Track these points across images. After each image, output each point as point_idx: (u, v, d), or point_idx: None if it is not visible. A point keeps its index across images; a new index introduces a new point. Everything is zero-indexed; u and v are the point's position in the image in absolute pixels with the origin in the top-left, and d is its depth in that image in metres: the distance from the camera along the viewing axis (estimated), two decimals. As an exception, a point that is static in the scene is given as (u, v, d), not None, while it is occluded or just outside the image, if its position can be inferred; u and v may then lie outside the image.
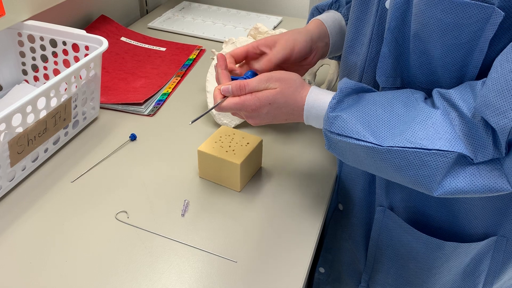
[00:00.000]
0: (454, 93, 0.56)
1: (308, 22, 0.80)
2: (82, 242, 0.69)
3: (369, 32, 0.67)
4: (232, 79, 0.69)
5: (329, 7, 0.81)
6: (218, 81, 0.70)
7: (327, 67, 1.04)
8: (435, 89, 0.59)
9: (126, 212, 0.74)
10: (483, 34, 0.54)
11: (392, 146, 0.56)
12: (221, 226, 0.72)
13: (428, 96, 0.62)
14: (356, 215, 0.84)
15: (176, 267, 0.66)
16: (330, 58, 0.85)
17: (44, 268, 0.65)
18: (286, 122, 0.69)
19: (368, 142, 0.57)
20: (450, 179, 0.55)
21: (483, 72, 0.58)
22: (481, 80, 0.55)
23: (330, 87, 0.99)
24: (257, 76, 0.66)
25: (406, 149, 0.55)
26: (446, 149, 0.54)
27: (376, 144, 0.57)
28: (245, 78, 0.69)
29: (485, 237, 0.72)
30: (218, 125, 0.93)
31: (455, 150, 0.54)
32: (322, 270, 0.99)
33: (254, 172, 0.82)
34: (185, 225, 0.72)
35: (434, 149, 0.54)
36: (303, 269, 0.66)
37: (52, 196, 0.76)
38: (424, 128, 0.55)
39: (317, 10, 0.83)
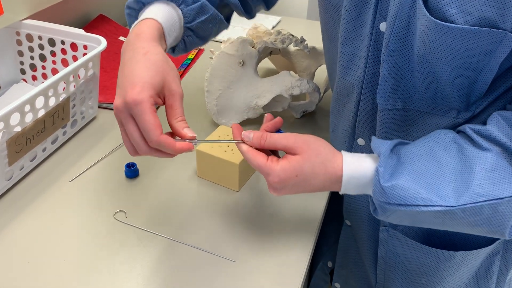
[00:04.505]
0: (492, 130, 0.54)
1: (142, 2, 0.64)
2: (80, 242, 0.69)
3: (364, 53, 0.65)
4: None
5: None
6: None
7: (325, 67, 1.04)
8: (467, 126, 0.57)
9: (125, 212, 0.74)
10: (493, 56, 0.53)
11: (464, 205, 0.52)
12: (219, 226, 0.72)
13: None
14: (365, 232, 0.84)
15: (174, 266, 0.66)
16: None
17: (42, 268, 0.65)
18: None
19: (437, 206, 0.53)
20: None
21: (490, 86, 0.57)
22: None
23: (328, 88, 0.99)
24: (282, 133, 0.60)
25: (479, 203, 0.52)
26: None
27: (447, 206, 0.53)
28: None
29: (494, 240, 0.72)
30: (216, 125, 0.93)
31: None
32: (338, 285, 0.99)
33: (253, 172, 0.82)
34: (183, 225, 0.72)
35: (507, 197, 0.52)
36: (302, 269, 0.66)
37: (50, 195, 0.76)
38: (488, 176, 0.52)
39: None
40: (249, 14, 0.81)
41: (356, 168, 0.57)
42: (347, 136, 0.75)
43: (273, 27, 1.39)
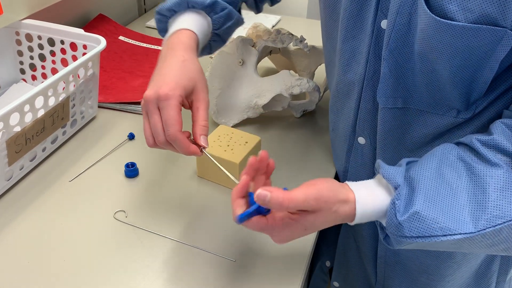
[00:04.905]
0: (499, 139, 0.53)
1: (174, 10, 0.71)
2: (80, 242, 0.68)
3: (365, 51, 0.65)
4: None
5: (203, 8, 0.71)
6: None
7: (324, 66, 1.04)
8: (474, 137, 0.55)
9: (125, 211, 0.74)
10: (493, 54, 0.52)
11: (483, 230, 0.50)
12: (219, 225, 0.72)
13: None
14: (365, 230, 0.84)
15: (174, 266, 0.66)
16: None
17: (42, 268, 0.65)
18: None
19: (456, 234, 0.51)
20: None
21: (490, 85, 0.57)
22: None
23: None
24: (303, 193, 0.52)
25: (498, 226, 0.50)
26: None
27: (467, 233, 0.51)
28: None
29: None
30: (216, 124, 0.93)
31: None
32: (336, 284, 0.99)
33: (253, 171, 0.82)
34: (183, 224, 0.72)
35: None
36: (302, 268, 0.66)
37: (50, 195, 0.76)
38: (503, 195, 0.51)
39: (187, 5, 0.70)
40: (258, 9, 0.88)
41: (369, 203, 0.55)
42: (347, 135, 0.75)
43: (273, 26, 1.39)
